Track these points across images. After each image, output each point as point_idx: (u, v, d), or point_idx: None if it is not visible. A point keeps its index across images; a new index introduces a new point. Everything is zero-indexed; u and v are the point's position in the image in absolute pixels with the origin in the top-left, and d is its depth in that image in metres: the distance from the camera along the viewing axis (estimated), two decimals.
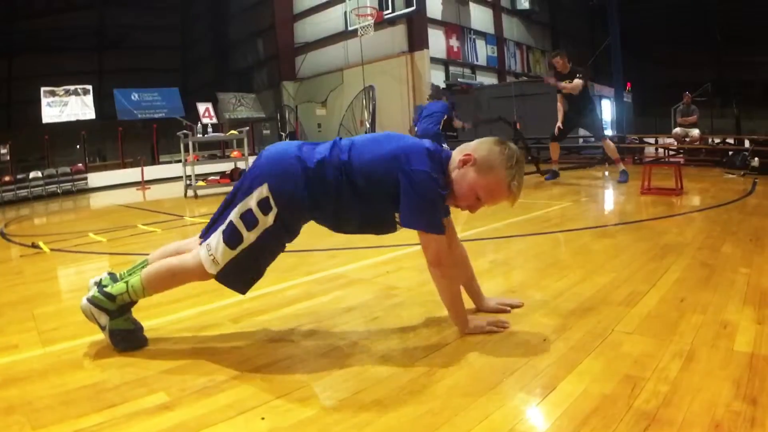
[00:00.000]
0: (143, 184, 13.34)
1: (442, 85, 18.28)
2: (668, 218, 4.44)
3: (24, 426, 1.83)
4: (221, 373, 2.11)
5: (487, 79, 21.40)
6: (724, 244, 3.50)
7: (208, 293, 2.98)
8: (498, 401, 1.66)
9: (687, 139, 11.45)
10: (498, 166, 2.04)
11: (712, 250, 3.34)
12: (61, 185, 14.70)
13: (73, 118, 16.60)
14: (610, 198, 6.12)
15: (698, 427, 1.40)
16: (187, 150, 8.64)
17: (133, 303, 2.41)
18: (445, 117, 8.30)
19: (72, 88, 16.68)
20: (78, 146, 16.45)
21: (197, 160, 8.58)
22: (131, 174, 15.58)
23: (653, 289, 2.59)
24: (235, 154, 8.94)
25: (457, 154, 2.14)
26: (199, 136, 8.62)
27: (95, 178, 15.78)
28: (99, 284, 2.33)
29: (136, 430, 1.77)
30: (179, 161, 14.86)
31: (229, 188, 8.81)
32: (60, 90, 16.59)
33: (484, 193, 2.08)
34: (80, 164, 15.66)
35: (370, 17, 15.43)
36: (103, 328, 2.33)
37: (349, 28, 17.06)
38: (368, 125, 15.09)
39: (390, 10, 15.95)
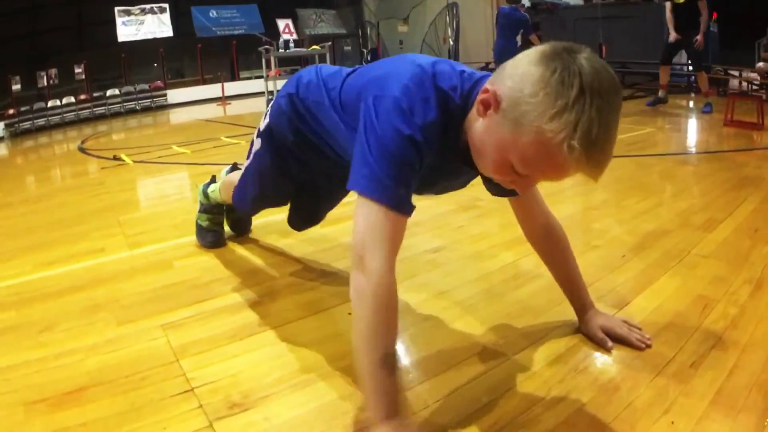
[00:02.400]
0: (224, 99, 13.41)
1: (528, 3, 17.46)
2: (748, 151, 4.28)
3: (110, 322, 1.88)
4: (308, 274, 2.17)
5: None
6: None
7: None
8: (572, 312, 1.72)
9: None
10: (535, 109, 0.99)
11: None
12: (139, 102, 14.96)
13: (149, 36, 16.61)
14: (693, 127, 5.87)
15: (761, 351, 1.47)
16: (268, 65, 8.57)
17: (219, 206, 2.49)
18: (521, 31, 7.15)
19: (148, 6, 16.65)
20: (155, 64, 16.52)
21: (279, 75, 8.52)
22: (211, 90, 15.67)
23: (729, 217, 2.60)
24: None
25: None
26: (281, 51, 8.52)
27: (174, 95, 15.98)
28: (210, 180, 2.56)
29: (221, 324, 1.89)
30: (259, 77, 14.22)
31: None
32: (135, 9, 16.57)
33: (519, 162, 1.08)
34: (159, 81, 15.83)
35: None
36: None
37: None
38: (451, 42, 14.60)
39: None
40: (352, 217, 1.16)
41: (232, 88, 15.70)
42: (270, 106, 1.82)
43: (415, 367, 1.55)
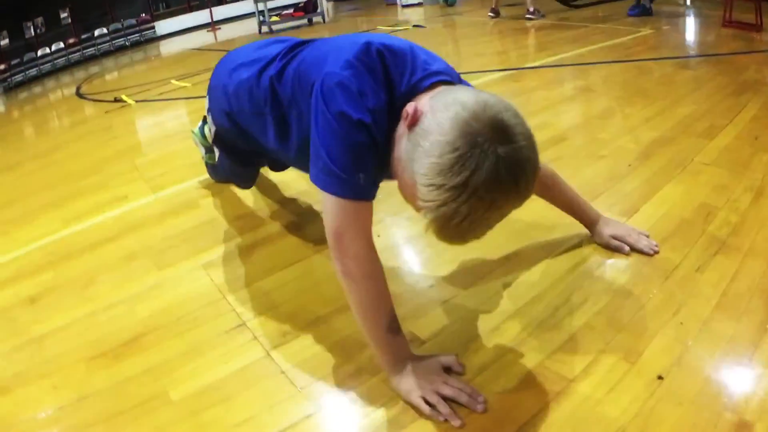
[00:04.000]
0: (213, 25, 13.09)
1: None
2: (748, 54, 4.10)
3: (149, 269, 1.91)
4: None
5: None
6: None
7: None
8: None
9: None
10: (422, 165, 0.97)
11: None
12: (128, 38, 14.66)
13: None
14: (691, 28, 5.57)
15: (761, 258, 1.52)
16: None
17: None
18: None
19: None
20: None
21: None
22: (200, 17, 15.13)
23: (730, 124, 2.58)
24: None
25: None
26: None
27: (163, 26, 15.58)
28: (203, 120, 2.34)
29: (258, 258, 1.93)
30: None
31: (304, 21, 8.60)
32: None
33: (402, 189, 1.09)
34: (145, 15, 15.41)
35: None
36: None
37: None
38: None
39: None
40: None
41: (221, 11, 15.19)
42: (208, 111, 1.84)
43: (446, 282, 1.63)
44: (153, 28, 15.34)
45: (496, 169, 0.90)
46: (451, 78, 1.18)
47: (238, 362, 1.39)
